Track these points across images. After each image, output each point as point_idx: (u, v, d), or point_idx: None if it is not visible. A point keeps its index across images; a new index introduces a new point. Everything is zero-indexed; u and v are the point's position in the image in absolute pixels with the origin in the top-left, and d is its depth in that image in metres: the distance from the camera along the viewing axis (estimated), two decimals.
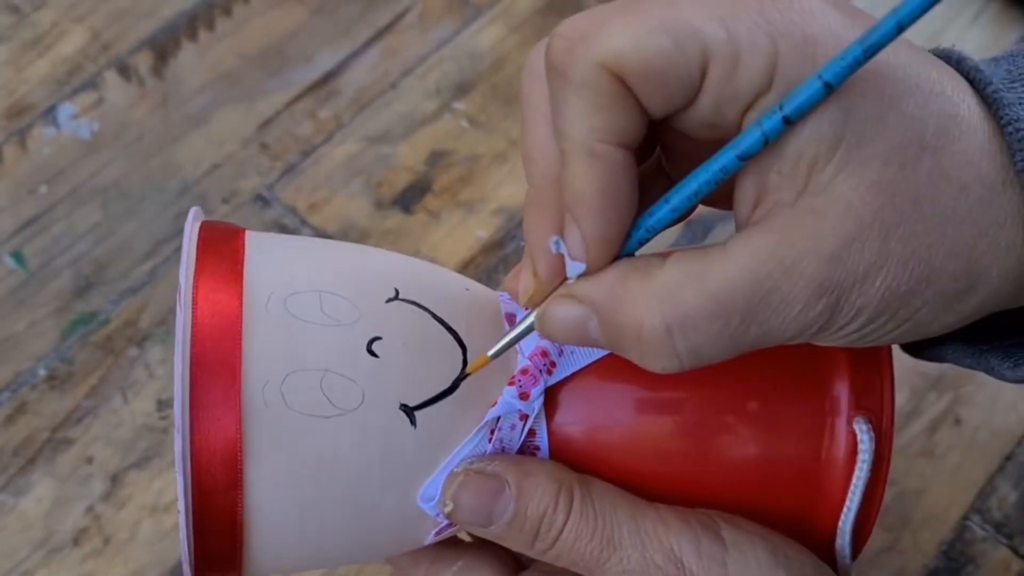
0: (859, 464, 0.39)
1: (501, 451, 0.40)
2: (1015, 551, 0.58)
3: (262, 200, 0.67)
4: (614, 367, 0.40)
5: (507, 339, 0.38)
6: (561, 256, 0.35)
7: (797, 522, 0.41)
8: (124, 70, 0.72)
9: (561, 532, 0.39)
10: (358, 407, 0.37)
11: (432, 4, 0.75)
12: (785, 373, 0.40)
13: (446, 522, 0.40)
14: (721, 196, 0.36)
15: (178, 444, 0.36)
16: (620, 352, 0.35)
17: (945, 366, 0.62)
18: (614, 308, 0.34)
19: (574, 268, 0.35)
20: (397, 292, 0.40)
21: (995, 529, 0.58)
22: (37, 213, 0.67)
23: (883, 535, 0.58)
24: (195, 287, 0.38)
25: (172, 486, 0.58)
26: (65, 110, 0.70)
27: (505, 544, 0.40)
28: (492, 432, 0.39)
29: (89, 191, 0.67)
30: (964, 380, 0.62)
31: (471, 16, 0.74)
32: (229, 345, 0.37)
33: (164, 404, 0.61)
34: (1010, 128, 0.33)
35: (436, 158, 0.69)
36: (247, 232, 0.41)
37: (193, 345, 0.37)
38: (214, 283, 0.38)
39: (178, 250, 0.65)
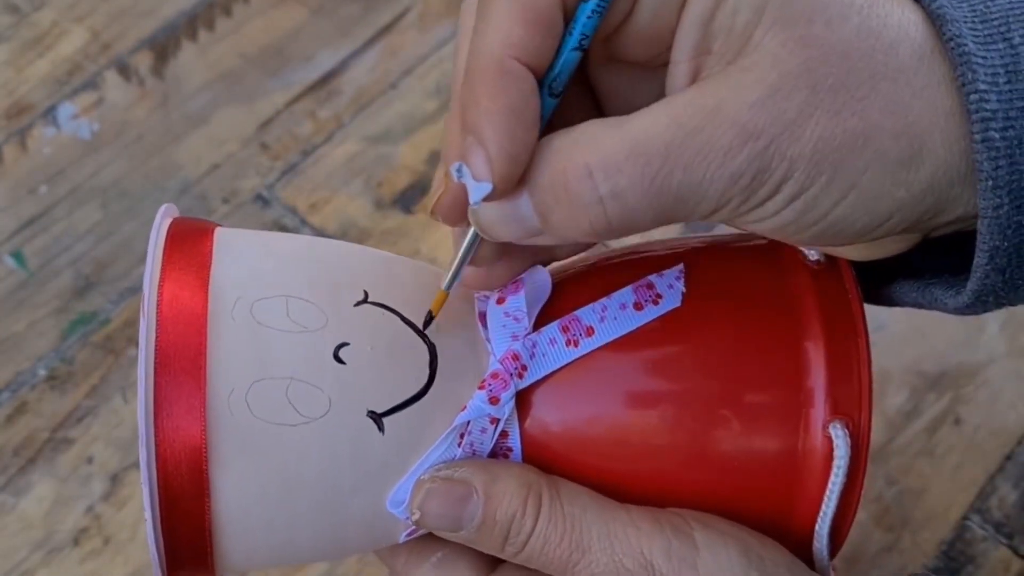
0: (834, 471, 0.39)
1: (472, 455, 0.39)
2: (1015, 551, 0.58)
3: (262, 200, 0.67)
4: (588, 368, 0.40)
5: (456, 263, 0.37)
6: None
7: (773, 521, 0.40)
8: (124, 70, 0.72)
9: (530, 536, 0.39)
10: (325, 415, 0.37)
11: (432, 4, 0.75)
12: (761, 373, 0.40)
13: (418, 530, 0.40)
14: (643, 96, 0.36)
15: (142, 453, 0.36)
16: (549, 224, 0.34)
17: (945, 365, 0.62)
18: (540, 168, 0.33)
19: (479, 190, 0.33)
20: (366, 295, 0.39)
21: (995, 529, 0.58)
22: (37, 213, 0.67)
23: (883, 535, 0.58)
24: (159, 293, 0.37)
25: None
26: (65, 110, 0.70)
27: (476, 547, 0.39)
28: (462, 436, 0.39)
29: (89, 191, 0.67)
30: (964, 380, 0.62)
31: None
32: (193, 354, 0.36)
33: None
34: (934, 5, 0.34)
35: (436, 158, 0.69)
36: (217, 231, 0.40)
37: (157, 353, 0.36)
38: (179, 289, 0.37)
39: None
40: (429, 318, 0.39)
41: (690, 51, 0.34)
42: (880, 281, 0.41)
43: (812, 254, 0.41)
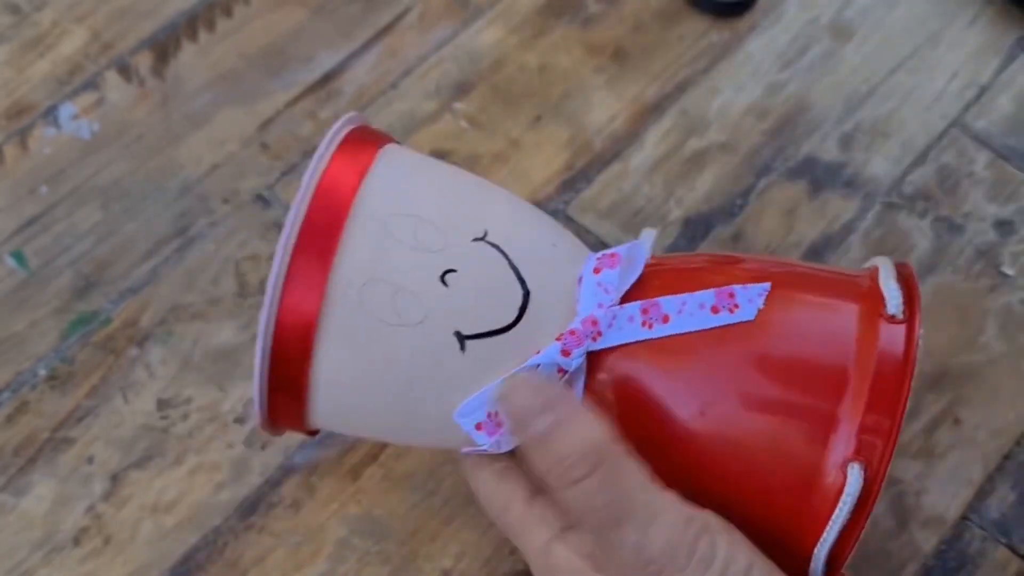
0: (840, 505, 0.42)
1: None
2: (1014, 550, 0.58)
3: (262, 200, 0.67)
4: (656, 349, 0.44)
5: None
6: None
7: (785, 527, 0.44)
8: (125, 70, 0.72)
9: (579, 482, 0.42)
10: (419, 323, 0.43)
11: (432, 4, 0.75)
12: (804, 398, 0.44)
13: (479, 444, 0.45)
14: None
15: (264, 313, 0.42)
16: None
17: (945, 365, 0.62)
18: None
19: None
20: (485, 233, 0.45)
21: (993, 529, 0.58)
22: (38, 213, 0.67)
23: (882, 535, 0.58)
24: (317, 187, 0.44)
25: (172, 486, 0.59)
26: (66, 110, 0.70)
27: (527, 459, 0.43)
28: None
29: (90, 191, 0.68)
30: (963, 380, 0.62)
31: (471, 16, 0.74)
32: (329, 242, 0.43)
33: (164, 404, 0.61)
34: None
35: (436, 157, 0.69)
36: (387, 146, 0.47)
37: (300, 233, 0.43)
38: (334, 186, 0.44)
39: (178, 250, 0.65)
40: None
41: None
42: None
43: (892, 307, 0.45)
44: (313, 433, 0.48)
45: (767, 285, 0.45)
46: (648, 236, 0.48)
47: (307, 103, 0.71)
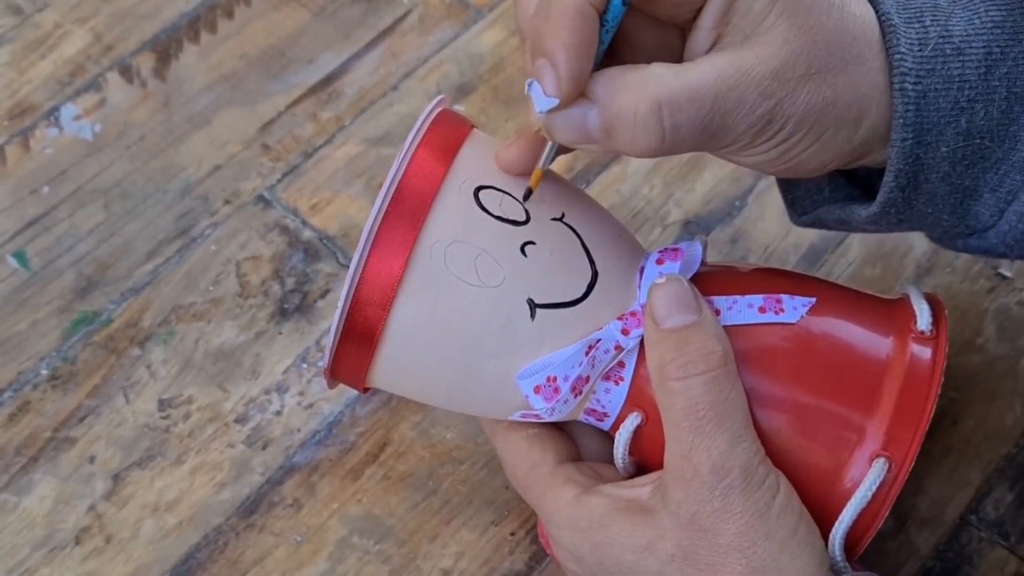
0: (859, 492, 0.46)
1: (592, 367, 0.47)
2: (1012, 551, 0.58)
3: (263, 201, 0.68)
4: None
5: (545, 154, 0.47)
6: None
7: (816, 492, 0.47)
8: (126, 71, 0.72)
9: (695, 376, 0.45)
10: (496, 286, 0.47)
11: (432, 7, 0.75)
12: (846, 394, 0.48)
13: (533, 407, 0.48)
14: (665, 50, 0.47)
15: (355, 258, 0.46)
16: (611, 138, 0.44)
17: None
18: (616, 94, 0.43)
19: (546, 103, 0.43)
20: (563, 215, 0.48)
21: (992, 530, 0.58)
22: (40, 213, 0.67)
23: (880, 535, 0.58)
24: (415, 152, 0.47)
25: (173, 485, 0.59)
26: (68, 111, 0.70)
27: (650, 352, 0.47)
28: (590, 348, 0.47)
29: (91, 192, 0.68)
30: (961, 381, 0.62)
31: (471, 19, 0.75)
32: (421, 203, 0.46)
33: (165, 403, 0.61)
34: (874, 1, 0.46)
35: None
36: (474, 130, 0.50)
37: (395, 192, 0.46)
38: (429, 154, 0.47)
39: (180, 251, 0.66)
40: (528, 192, 0.48)
41: (714, 20, 0.44)
42: (811, 208, 0.53)
43: (922, 323, 0.49)
44: (365, 390, 0.51)
45: (813, 299, 0.49)
46: (700, 241, 0.51)
47: (308, 104, 0.71)
